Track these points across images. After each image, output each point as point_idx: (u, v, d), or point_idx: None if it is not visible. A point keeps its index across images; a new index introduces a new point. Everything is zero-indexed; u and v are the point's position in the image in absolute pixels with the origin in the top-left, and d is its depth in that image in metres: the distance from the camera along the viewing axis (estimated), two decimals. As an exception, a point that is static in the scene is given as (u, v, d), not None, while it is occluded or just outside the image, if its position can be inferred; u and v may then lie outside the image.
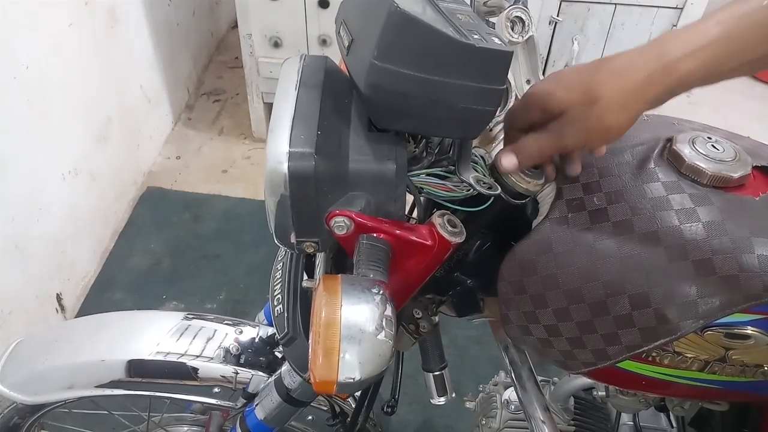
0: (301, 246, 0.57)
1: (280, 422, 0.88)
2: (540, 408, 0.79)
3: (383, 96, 0.50)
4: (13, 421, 0.96)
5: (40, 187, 1.64)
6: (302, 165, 0.52)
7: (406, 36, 0.47)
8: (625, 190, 0.59)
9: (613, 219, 0.59)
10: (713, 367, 0.62)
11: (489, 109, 0.52)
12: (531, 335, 0.65)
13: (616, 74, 0.53)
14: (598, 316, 0.59)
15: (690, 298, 0.56)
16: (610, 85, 0.52)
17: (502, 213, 0.62)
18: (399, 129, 0.54)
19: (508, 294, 0.64)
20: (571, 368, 0.66)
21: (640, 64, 0.52)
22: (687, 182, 0.59)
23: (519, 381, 0.81)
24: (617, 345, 0.60)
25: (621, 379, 0.69)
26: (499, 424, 1.03)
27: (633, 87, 0.52)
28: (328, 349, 0.46)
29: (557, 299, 0.61)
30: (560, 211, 0.61)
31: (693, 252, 0.56)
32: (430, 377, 0.82)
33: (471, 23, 0.52)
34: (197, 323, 0.91)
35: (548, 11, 2.05)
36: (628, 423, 1.03)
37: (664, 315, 0.57)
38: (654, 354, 0.62)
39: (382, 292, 0.48)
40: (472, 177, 0.56)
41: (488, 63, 0.50)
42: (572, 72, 0.55)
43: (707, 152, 0.60)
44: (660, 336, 0.58)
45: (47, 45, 1.62)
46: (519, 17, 0.62)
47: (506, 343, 0.82)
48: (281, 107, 0.54)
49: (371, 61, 0.48)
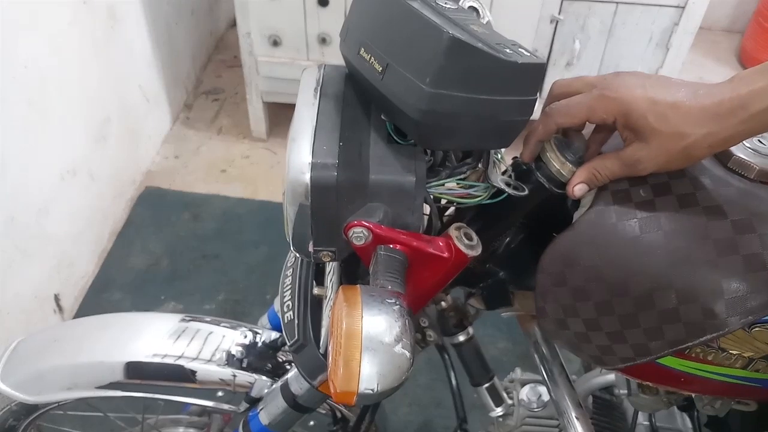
0: (318, 255, 0.57)
1: (284, 428, 0.88)
2: (573, 404, 0.77)
3: (434, 119, 0.50)
4: (8, 423, 0.95)
5: (39, 186, 1.63)
6: (324, 175, 0.52)
7: (461, 61, 0.48)
8: (671, 183, 0.59)
9: (660, 211, 0.58)
10: (757, 364, 0.61)
11: (525, 119, 0.54)
12: (567, 329, 0.64)
13: (711, 114, 0.53)
14: (642, 310, 0.58)
15: (739, 293, 0.55)
16: (702, 123, 0.53)
17: (541, 205, 0.63)
18: (445, 148, 0.55)
19: (547, 286, 0.63)
20: (607, 364, 0.65)
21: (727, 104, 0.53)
22: (734, 176, 0.59)
23: (550, 377, 0.80)
24: (660, 340, 0.59)
25: (658, 375, 0.68)
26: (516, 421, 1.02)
27: (726, 132, 0.53)
28: (349, 360, 0.46)
29: (600, 292, 0.60)
30: (605, 203, 0.60)
31: (743, 246, 0.55)
32: (483, 391, 0.81)
33: (491, 34, 0.52)
34: (194, 325, 0.91)
35: (549, 10, 2.05)
36: (644, 423, 1.02)
37: (712, 310, 0.56)
38: (698, 350, 0.61)
39: (400, 303, 0.48)
40: (501, 180, 0.58)
41: (527, 76, 0.51)
42: (661, 98, 0.54)
43: (754, 147, 0.60)
44: (706, 331, 0.57)
45: (46, 45, 1.61)
46: (473, 7, 0.62)
47: (535, 338, 0.81)
48: (302, 117, 0.54)
49: (425, 88, 0.48)
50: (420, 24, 0.49)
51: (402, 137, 0.57)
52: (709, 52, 3.14)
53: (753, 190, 0.58)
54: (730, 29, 3.30)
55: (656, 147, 0.55)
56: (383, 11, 0.54)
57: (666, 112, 0.53)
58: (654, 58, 2.18)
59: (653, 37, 2.13)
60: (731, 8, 3.24)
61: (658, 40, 2.14)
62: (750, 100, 0.51)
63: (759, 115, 0.51)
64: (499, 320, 0.84)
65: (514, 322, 0.83)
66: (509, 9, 2.00)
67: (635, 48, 2.16)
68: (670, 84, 0.55)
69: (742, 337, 0.59)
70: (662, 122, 0.54)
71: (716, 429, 0.89)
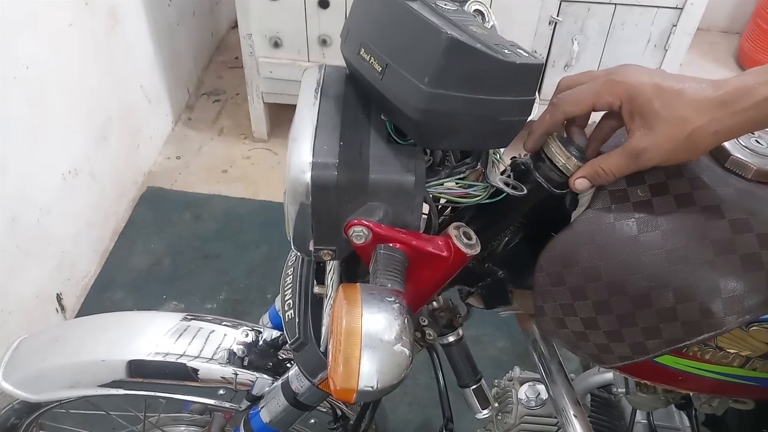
0: (319, 254, 0.58)
1: (285, 425, 0.89)
2: (571, 403, 0.78)
3: (433, 119, 0.51)
4: (10, 421, 0.96)
5: (41, 187, 1.64)
6: (325, 175, 0.52)
7: (459, 62, 0.48)
8: (669, 182, 0.59)
9: (658, 211, 0.58)
10: (754, 363, 0.62)
11: (524, 118, 0.54)
12: (566, 328, 0.65)
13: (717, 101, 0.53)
14: (640, 308, 0.59)
15: (736, 292, 0.56)
16: (706, 109, 0.53)
17: (539, 205, 0.63)
18: (444, 148, 0.56)
19: (545, 286, 0.63)
20: (605, 362, 0.65)
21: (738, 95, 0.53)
22: (732, 176, 0.59)
23: (549, 375, 0.80)
24: (657, 339, 0.59)
25: (656, 374, 0.68)
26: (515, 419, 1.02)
27: (731, 118, 0.53)
28: (349, 358, 0.47)
29: (598, 291, 0.60)
30: (603, 203, 0.60)
31: (740, 246, 0.56)
32: (469, 393, 0.81)
33: (489, 35, 0.52)
34: (196, 324, 0.92)
35: (548, 11, 2.05)
36: (642, 421, 1.02)
37: (709, 309, 0.56)
38: (696, 349, 0.61)
39: (399, 301, 0.49)
40: (499, 179, 0.58)
41: (525, 76, 0.52)
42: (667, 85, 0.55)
43: (751, 147, 0.60)
44: (704, 330, 0.57)
45: (47, 45, 1.61)
46: (478, 10, 0.63)
47: (534, 337, 0.81)
48: (303, 117, 0.55)
49: (424, 88, 0.49)
50: (419, 25, 0.50)
51: (402, 137, 0.57)
52: (708, 53, 3.14)
53: (750, 189, 0.58)
54: (728, 30, 3.30)
55: (661, 133, 0.55)
56: (383, 12, 0.55)
57: (671, 98, 0.54)
58: (652, 59, 2.18)
59: (652, 38, 2.13)
60: (729, 9, 3.25)
61: (656, 41, 2.14)
62: (755, 89, 0.51)
63: (764, 103, 0.51)
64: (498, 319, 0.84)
65: (513, 321, 0.84)
66: (508, 10, 2.00)
67: (634, 49, 2.16)
68: (676, 76, 0.55)
69: (740, 336, 0.59)
70: (667, 107, 0.54)
71: (714, 427, 0.90)
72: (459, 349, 0.80)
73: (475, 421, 0.96)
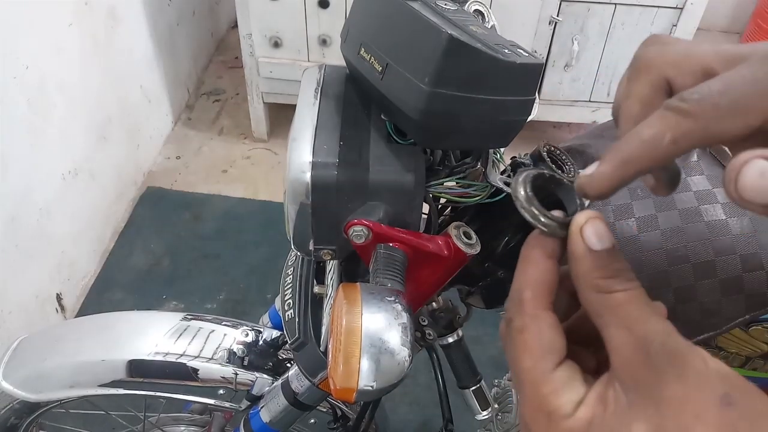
0: (319, 253, 0.58)
1: (285, 425, 0.89)
2: None
3: (434, 119, 0.51)
4: (10, 421, 0.96)
5: (40, 187, 1.64)
6: (325, 174, 0.52)
7: (460, 61, 0.48)
8: None
9: (658, 211, 0.58)
10: (754, 363, 0.62)
11: (524, 118, 0.54)
12: None
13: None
14: None
15: (736, 292, 0.56)
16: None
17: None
18: (444, 147, 0.55)
19: None
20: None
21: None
22: None
23: None
24: None
25: None
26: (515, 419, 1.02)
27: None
28: (348, 357, 0.47)
29: None
30: (603, 202, 0.61)
31: (740, 246, 0.56)
32: (469, 394, 0.81)
33: (489, 35, 0.52)
34: (196, 324, 0.92)
35: (548, 11, 2.06)
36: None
37: (709, 309, 0.56)
38: None
39: (399, 301, 0.49)
40: (499, 179, 0.58)
41: (526, 76, 0.51)
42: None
43: None
44: (704, 330, 0.57)
45: (47, 45, 1.62)
46: (478, 11, 0.63)
47: None
48: (303, 117, 0.55)
49: (424, 87, 0.49)
50: (419, 24, 0.50)
51: (402, 137, 0.57)
52: (709, 52, 3.14)
53: None
54: (728, 30, 3.31)
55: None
56: (383, 12, 0.55)
57: None
58: (653, 59, 2.18)
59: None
60: (730, 9, 3.25)
61: (657, 41, 2.14)
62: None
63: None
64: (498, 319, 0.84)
65: (513, 320, 0.83)
66: (508, 10, 2.00)
67: (634, 49, 2.14)
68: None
69: (740, 336, 0.59)
70: None
71: None
72: (459, 351, 0.80)
73: (474, 422, 0.96)
